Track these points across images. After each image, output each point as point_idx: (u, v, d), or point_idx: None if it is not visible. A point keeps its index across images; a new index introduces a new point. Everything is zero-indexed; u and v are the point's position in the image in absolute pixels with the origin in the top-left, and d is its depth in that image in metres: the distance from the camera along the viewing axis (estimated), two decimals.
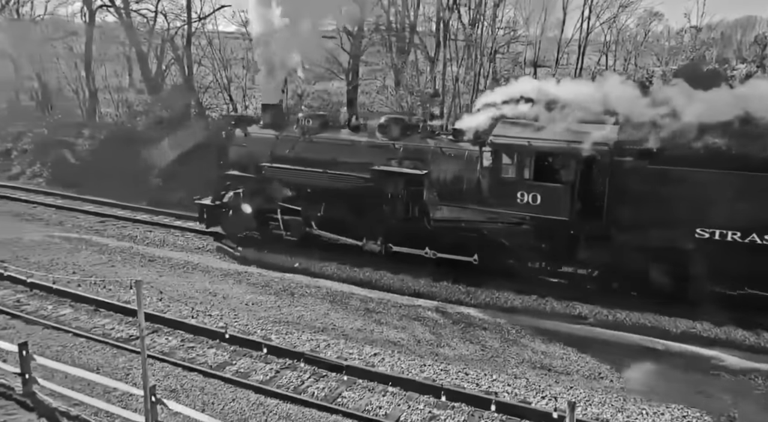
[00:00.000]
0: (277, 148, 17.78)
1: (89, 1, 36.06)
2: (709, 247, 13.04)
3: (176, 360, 11.53)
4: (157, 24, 36.71)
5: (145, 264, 16.76)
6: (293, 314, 13.72)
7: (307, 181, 17.21)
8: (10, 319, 13.19)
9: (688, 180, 13.00)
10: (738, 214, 12.66)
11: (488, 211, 14.99)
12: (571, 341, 12.62)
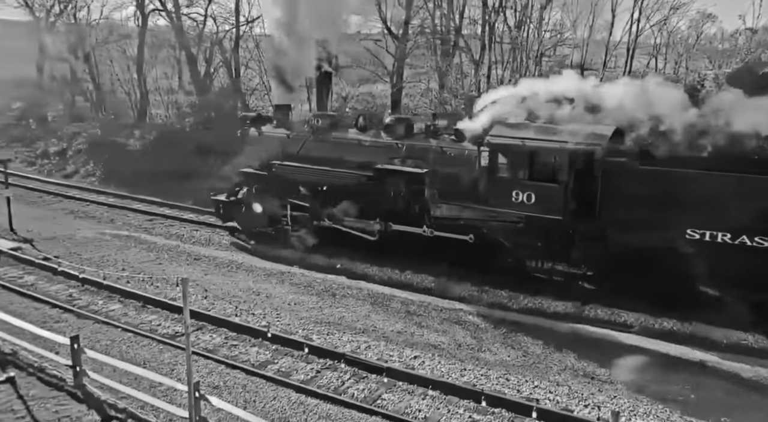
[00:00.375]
0: (288, 146, 18.45)
1: (142, 5, 37.08)
2: (700, 248, 13.03)
3: (220, 357, 11.74)
4: (206, 27, 37.52)
5: (191, 263, 17.12)
6: (334, 315, 13.82)
7: (313, 179, 17.73)
8: (63, 313, 13.65)
9: (678, 180, 13.12)
10: (728, 216, 12.69)
11: (485, 209, 15.30)
12: (615, 349, 12.38)
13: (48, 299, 14.31)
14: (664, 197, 13.19)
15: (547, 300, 14.60)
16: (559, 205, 14.27)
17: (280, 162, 18.24)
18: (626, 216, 13.64)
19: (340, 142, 17.74)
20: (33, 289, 15.00)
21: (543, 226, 14.67)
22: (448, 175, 15.87)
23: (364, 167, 16.83)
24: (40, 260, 16.77)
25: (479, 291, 15.13)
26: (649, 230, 13.36)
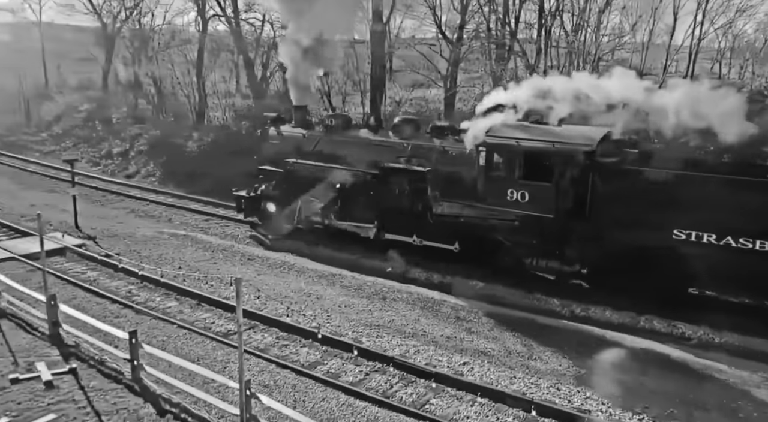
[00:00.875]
0: (304, 145, 19.40)
1: (203, 11, 38.11)
2: (686, 249, 13.29)
3: (271, 356, 11.92)
4: (263, 32, 38.26)
5: (244, 263, 17.46)
6: (384, 318, 13.86)
7: (324, 176, 18.64)
8: (122, 308, 14.12)
9: (664, 181, 13.42)
10: (712, 217, 12.91)
11: (482, 208, 15.83)
12: (669, 364, 12.01)
13: (109, 294, 14.83)
14: (651, 197, 13.47)
15: (599, 308, 14.32)
16: (552, 203, 14.75)
17: (295, 159, 19.25)
18: (615, 215, 13.94)
19: (350, 141, 18.63)
20: (95, 284, 15.58)
21: (537, 225, 15.07)
22: (449, 174, 16.46)
23: (371, 165, 17.71)
24: (103, 257, 17.41)
25: (531, 298, 14.94)
26: (637, 230, 13.64)
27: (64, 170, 27.33)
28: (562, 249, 15.06)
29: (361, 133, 18.87)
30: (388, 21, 33.15)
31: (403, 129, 17.85)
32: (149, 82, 40.90)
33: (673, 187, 13.34)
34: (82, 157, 33.11)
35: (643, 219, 13.59)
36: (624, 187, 13.93)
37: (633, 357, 12.13)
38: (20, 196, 25.18)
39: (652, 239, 13.62)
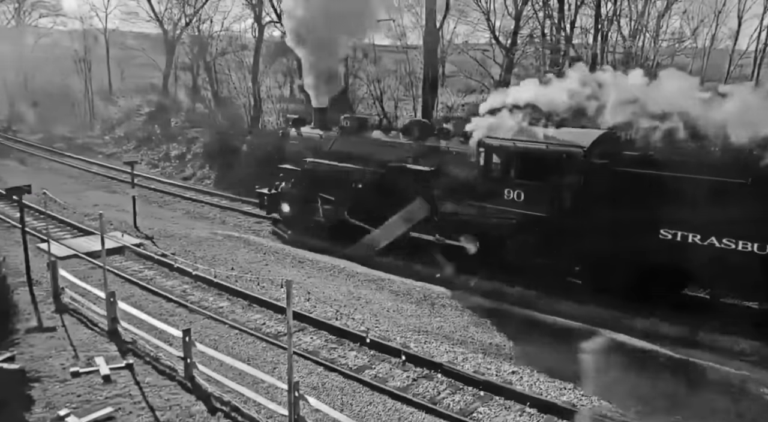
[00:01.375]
0: (320, 145, 20.34)
1: (260, 18, 38.88)
2: (673, 248, 13.57)
3: (319, 359, 12.04)
4: None
5: (295, 265, 17.69)
6: (432, 324, 13.82)
7: (338, 174, 19.46)
8: (177, 307, 14.50)
9: (651, 182, 13.70)
10: (697, 218, 13.19)
11: (482, 206, 16.39)
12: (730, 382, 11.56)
13: (164, 293, 15.26)
14: (638, 198, 13.81)
15: (655, 320, 13.93)
16: (545, 203, 15.25)
17: (312, 159, 20.24)
18: (605, 214, 14.23)
19: (363, 142, 19.38)
20: (152, 283, 16.05)
21: (532, 223, 15.49)
22: (453, 174, 16.99)
23: (380, 165, 18.41)
24: (159, 256, 17.93)
25: (587, 309, 14.62)
26: (626, 228, 13.96)
27: (125, 172, 28.28)
28: (557, 247, 15.30)
29: (374, 134, 19.54)
30: (442, 26, 33.11)
31: (412, 130, 18.49)
32: (206, 86, 41.95)
33: (660, 187, 13.57)
34: (142, 160, 34.21)
35: (631, 218, 13.89)
36: (613, 187, 14.22)
37: None
38: (84, 196, 26.19)
39: (640, 238, 13.91)
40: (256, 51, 38.81)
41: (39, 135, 44.47)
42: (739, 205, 12.68)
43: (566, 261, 15.44)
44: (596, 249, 14.60)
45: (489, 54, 31.74)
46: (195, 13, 43.69)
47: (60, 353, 11.57)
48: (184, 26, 44.47)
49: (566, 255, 15.31)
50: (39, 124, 46.61)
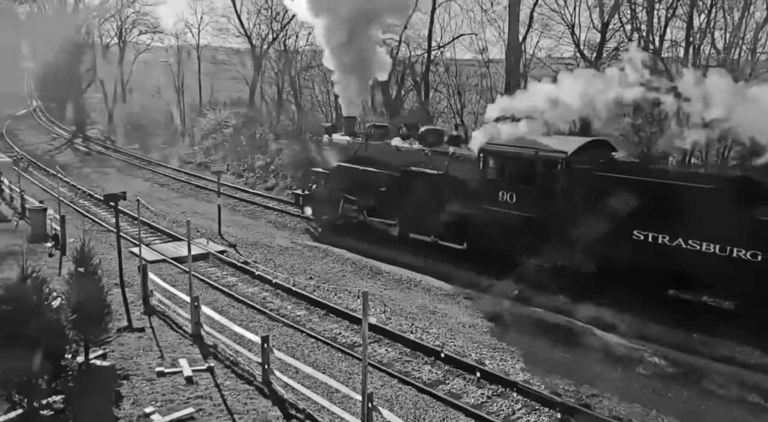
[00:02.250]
0: (347, 150, 22.25)
1: None
2: (643, 249, 14.44)
3: (393, 371, 12.07)
4: (399, 52, 39.13)
5: (372, 277, 17.84)
6: (508, 341, 13.59)
7: (360, 177, 21.22)
8: (257, 314, 14.91)
9: (625, 186, 14.53)
10: (666, 220, 14.12)
11: (481, 207, 17.65)
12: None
13: (245, 300, 15.74)
14: (614, 200, 14.36)
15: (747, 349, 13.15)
16: (534, 204, 16.50)
17: (339, 163, 22.21)
18: (586, 215, 15.07)
19: (383, 148, 21.11)
20: (234, 289, 16.59)
21: (522, 223, 16.64)
22: (458, 177, 18.31)
23: (396, 168, 19.95)
24: (241, 263, 18.51)
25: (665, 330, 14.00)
26: (602, 229, 14.53)
27: (212, 181, 29.44)
28: (545, 246, 16.06)
29: (393, 141, 21.02)
30: (524, 40, 32.73)
31: (427, 137, 19.90)
32: (291, 99, 43.14)
33: (633, 191, 14.24)
34: (228, 170, 35.46)
35: (606, 219, 14.50)
36: (593, 190, 15.18)
37: None
38: (174, 204, 27.41)
39: (615, 240, 14.71)
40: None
41: (135, 145, 47.00)
42: (704, 209, 13.48)
43: (553, 261, 16.20)
44: (578, 249, 15.26)
45: (573, 68, 31.05)
46: (282, 29, 45.11)
47: (147, 353, 12.13)
48: (270, 41, 45.97)
49: (552, 255, 16.10)
50: (135, 134, 49.29)
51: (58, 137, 52.83)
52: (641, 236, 14.55)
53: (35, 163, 37.73)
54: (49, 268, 16.82)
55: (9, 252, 18.57)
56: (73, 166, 37.76)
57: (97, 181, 32.66)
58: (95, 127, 57.99)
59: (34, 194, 26.65)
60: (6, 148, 41.93)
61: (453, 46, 36.84)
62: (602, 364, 12.56)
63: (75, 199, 27.95)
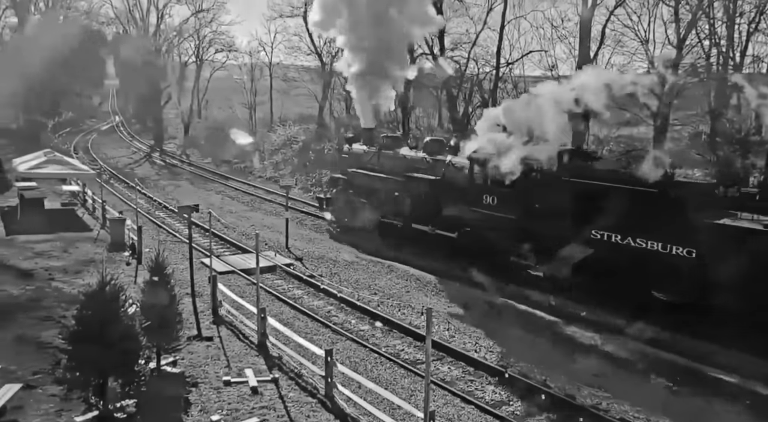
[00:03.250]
0: (363, 158, 24.75)
1: (411, 50, 39.96)
2: (601, 246, 16.07)
3: (456, 390, 11.94)
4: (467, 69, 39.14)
5: (436, 294, 17.76)
6: (574, 364, 13.22)
7: (372, 182, 23.75)
8: (321, 327, 15.09)
9: (585, 190, 16.24)
10: (616, 220, 15.55)
11: (470, 210, 19.54)
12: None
13: (310, 313, 15.95)
14: (576, 202, 16.36)
15: None
16: (513, 206, 18.30)
17: (354, 169, 24.64)
18: (554, 215, 16.80)
19: (393, 156, 23.51)
20: (299, 302, 16.84)
21: (504, 224, 18.46)
22: (452, 183, 20.31)
23: (402, 175, 22.22)
24: (307, 277, 18.79)
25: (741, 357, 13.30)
26: (568, 229, 16.58)
27: (280, 195, 30.07)
28: (524, 244, 17.96)
29: (401, 150, 23.57)
30: (596, 57, 32.12)
31: (430, 147, 22.34)
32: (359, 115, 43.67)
33: (591, 194, 16.01)
34: (296, 184, 36.15)
35: (570, 220, 16.50)
36: (559, 193, 16.86)
37: None
38: (243, 216, 28.16)
39: (578, 238, 16.43)
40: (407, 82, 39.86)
41: (208, 159, 48.62)
42: (650, 210, 15.15)
43: (531, 257, 17.88)
44: (550, 247, 17.06)
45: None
46: None
47: (215, 362, 12.46)
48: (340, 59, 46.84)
49: (528, 253, 17.91)
50: (208, 148, 51.00)
51: (137, 151, 55.29)
52: (598, 235, 16.10)
53: (116, 176, 39.57)
54: (126, 276, 17.56)
55: (90, 259, 19.53)
56: (151, 179, 39.39)
57: (172, 193, 33.93)
58: (172, 141, 60.40)
59: (114, 205, 27.96)
60: (90, 161, 44.17)
61: (522, 62, 36.56)
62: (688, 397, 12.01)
63: (151, 210, 29.12)
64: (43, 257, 19.88)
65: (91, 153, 51.20)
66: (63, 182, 31.80)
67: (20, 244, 21.40)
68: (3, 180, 32.03)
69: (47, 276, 17.78)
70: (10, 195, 29.66)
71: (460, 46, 39.85)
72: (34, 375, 11.45)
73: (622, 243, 15.64)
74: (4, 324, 14.09)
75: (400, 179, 22.28)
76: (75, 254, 20.30)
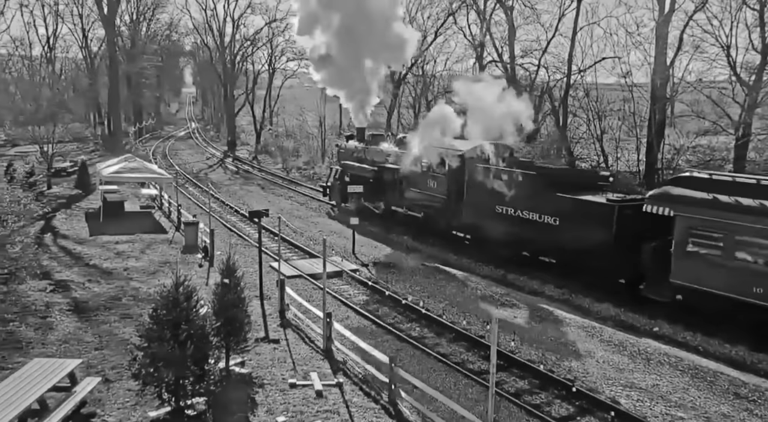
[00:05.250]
0: (354, 152, 29.99)
1: (481, 57, 39.76)
2: (503, 219, 20.84)
3: (521, 402, 11.75)
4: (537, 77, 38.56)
5: (503, 304, 17.53)
6: (647, 381, 12.77)
7: (356, 171, 28.67)
8: (386, 333, 15.15)
9: (490, 174, 21.36)
10: (510, 197, 20.53)
11: (418, 192, 25.17)
12: None
13: (375, 319, 16.04)
14: (489, 184, 21.38)
15: None
16: (445, 188, 23.69)
17: (346, 161, 29.97)
18: (474, 195, 22.25)
19: (374, 151, 28.64)
20: (365, 308, 16.96)
21: (442, 202, 23.72)
22: (412, 171, 25.02)
23: (377, 165, 27.50)
24: (373, 283, 18.91)
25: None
26: (482, 205, 21.74)
27: None
28: (454, 219, 23.15)
29: (381, 146, 28.40)
30: (673, 63, 31.05)
31: (400, 142, 27.10)
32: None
33: (495, 178, 21.17)
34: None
35: (487, 201, 21.44)
36: (478, 177, 21.94)
37: None
38: (312, 222, 28.63)
39: (487, 213, 21.46)
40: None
41: (278, 165, 49.73)
42: (530, 189, 20.03)
43: (459, 230, 23.03)
44: (471, 222, 22.31)
45: (727, 92, 28.95)
46: (420, 55, 46.04)
47: (281, 364, 12.70)
48: (409, 67, 47.05)
49: (458, 226, 23.05)
50: (279, 155, 52.17)
51: (211, 157, 57.15)
52: (500, 210, 20.93)
53: (191, 180, 41.02)
54: (199, 278, 18.17)
55: (165, 260, 20.31)
56: (223, 184, 40.60)
57: (243, 198, 34.86)
58: (244, 147, 62.14)
59: (188, 208, 28.98)
60: (167, 166, 45.96)
61: (594, 69, 35.72)
62: None
63: (223, 214, 30.01)
64: (123, 257, 20.83)
65: (169, 158, 53.26)
66: (142, 186, 33.26)
67: (103, 244, 22.50)
68: (88, 183, 33.82)
69: (126, 276, 18.62)
70: (94, 198, 31.24)
71: (530, 53, 39.36)
72: (112, 370, 12.01)
73: (515, 215, 20.50)
74: (88, 321, 14.85)
75: (376, 168, 27.43)
76: (151, 255, 21.17)
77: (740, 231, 14.88)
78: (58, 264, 19.80)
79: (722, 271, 15.14)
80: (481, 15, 40.84)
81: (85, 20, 65.47)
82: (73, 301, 16.19)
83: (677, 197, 16.21)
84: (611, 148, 33.18)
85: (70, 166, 39.83)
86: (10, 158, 37.71)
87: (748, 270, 14.75)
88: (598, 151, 33.35)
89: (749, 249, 14.80)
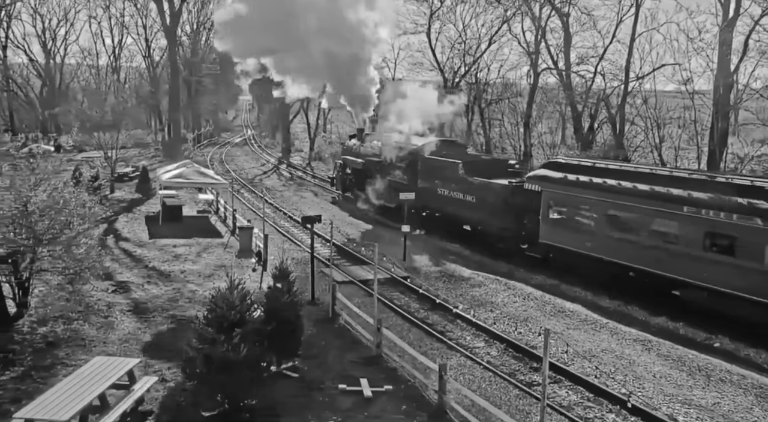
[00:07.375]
0: (353, 148, 34.52)
1: (535, 64, 39.32)
2: (449, 202, 25.93)
3: (573, 416, 11.51)
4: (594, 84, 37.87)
5: (555, 315, 17.23)
6: (707, 399, 12.33)
7: (351, 164, 33.44)
8: (436, 342, 15.09)
9: (440, 165, 26.48)
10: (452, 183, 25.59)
11: (392, 181, 29.47)
12: None
13: (425, 326, 16.00)
14: (434, 174, 26.63)
15: None
16: (406, 178, 28.43)
17: (346, 156, 34.51)
18: (425, 184, 27.10)
19: (367, 147, 32.85)
20: (415, 315, 16.94)
21: (405, 190, 26.11)
22: (388, 163, 29.78)
23: (366, 159, 31.94)
24: (423, 291, 18.87)
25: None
26: (431, 191, 26.62)
27: None
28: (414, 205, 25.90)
29: (373, 142, 32.53)
30: (737, 70, 30.01)
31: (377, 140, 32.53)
32: (479, 131, 43.50)
33: (441, 168, 26.16)
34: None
35: (433, 185, 26.52)
36: (429, 168, 26.97)
37: None
38: (363, 228, 28.81)
39: (435, 197, 26.41)
40: (530, 97, 39.23)
41: (331, 172, 50.20)
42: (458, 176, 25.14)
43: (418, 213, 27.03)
44: (424, 205, 26.95)
45: None
46: (474, 62, 45.87)
47: (331, 369, 12.80)
48: (462, 74, 46.92)
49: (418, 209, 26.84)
50: (332, 162, 52.68)
51: (266, 163, 58.18)
52: (442, 192, 25.93)
53: (246, 186, 41.86)
54: (252, 282, 18.51)
55: (221, 264, 20.79)
56: (277, 190, 41.26)
57: (296, 204, 35.34)
58: (298, 154, 63.02)
59: (243, 213, 29.58)
60: (224, 172, 47.04)
61: (653, 76, 34.87)
62: None
63: (277, 220, 30.51)
64: (180, 260, 21.42)
65: (225, 164, 54.48)
66: (199, 191, 34.15)
67: (161, 247, 23.20)
68: (148, 188, 34.96)
69: (183, 278, 19.14)
70: (154, 202, 32.24)
71: (586, 61, 38.70)
72: (168, 370, 12.36)
73: (452, 196, 25.41)
74: (146, 321, 15.33)
75: (362, 161, 32.09)
76: (207, 258, 21.70)
77: (576, 202, 20.11)
78: (119, 265, 20.52)
79: (567, 232, 20.41)
80: (536, 22, 40.41)
81: (149, 31, 67.99)
82: (132, 302, 16.75)
83: (543, 177, 21.64)
84: (670, 157, 32.28)
85: (132, 171, 41.35)
86: (77, 163, 39.29)
87: (581, 230, 19.95)
88: (656, 160, 32.49)
89: (582, 214, 19.98)
